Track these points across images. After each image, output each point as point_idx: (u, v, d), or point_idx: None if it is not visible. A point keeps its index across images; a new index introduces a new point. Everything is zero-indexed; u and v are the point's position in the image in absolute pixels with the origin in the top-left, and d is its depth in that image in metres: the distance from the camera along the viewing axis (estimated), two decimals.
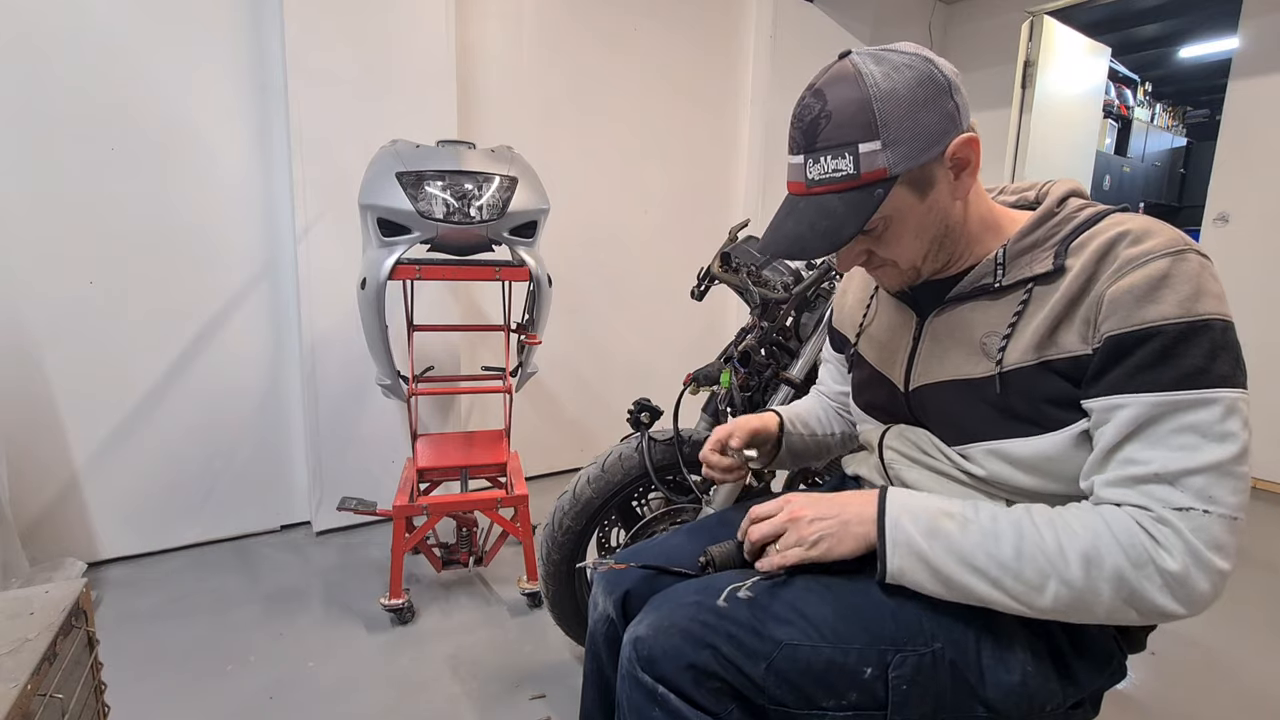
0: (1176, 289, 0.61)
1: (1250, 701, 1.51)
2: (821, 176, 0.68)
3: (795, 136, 0.71)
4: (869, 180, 0.67)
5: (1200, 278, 0.62)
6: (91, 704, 0.86)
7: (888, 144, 0.65)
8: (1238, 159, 2.89)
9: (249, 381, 2.11)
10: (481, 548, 1.88)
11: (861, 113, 0.65)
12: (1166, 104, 5.68)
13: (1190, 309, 0.61)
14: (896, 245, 0.73)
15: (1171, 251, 0.63)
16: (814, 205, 0.69)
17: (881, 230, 0.71)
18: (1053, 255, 0.70)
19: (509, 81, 2.42)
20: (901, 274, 0.76)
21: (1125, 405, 0.62)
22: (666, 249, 2.92)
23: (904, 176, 0.67)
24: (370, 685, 1.48)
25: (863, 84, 0.66)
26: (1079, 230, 0.70)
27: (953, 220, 0.73)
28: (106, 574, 1.92)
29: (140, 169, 1.87)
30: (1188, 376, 0.61)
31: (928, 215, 0.71)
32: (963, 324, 0.76)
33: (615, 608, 0.89)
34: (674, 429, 1.41)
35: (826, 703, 0.71)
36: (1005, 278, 0.73)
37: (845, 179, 0.67)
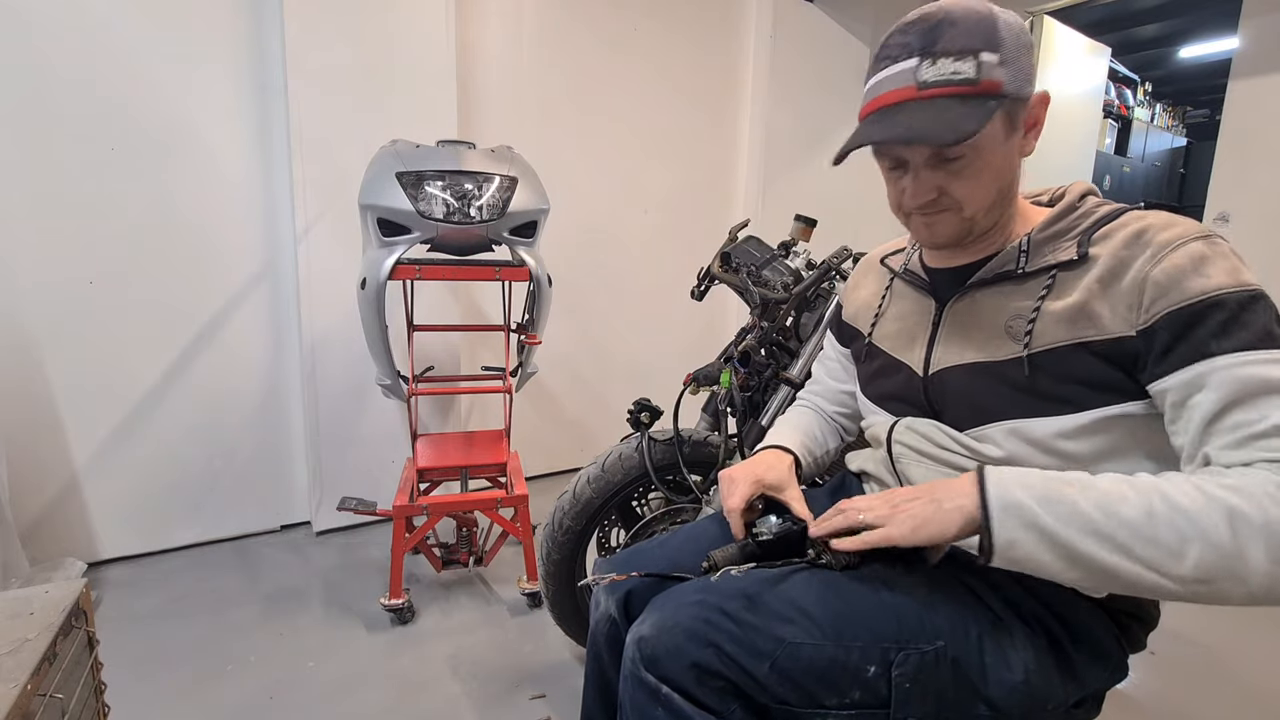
0: (1220, 264, 0.63)
1: (1250, 702, 1.51)
2: (939, 78, 0.67)
3: (908, 41, 0.70)
4: (986, 89, 0.67)
5: (1235, 255, 0.65)
6: (91, 704, 0.86)
7: (1005, 61, 0.67)
8: (1238, 159, 2.89)
9: (249, 381, 2.11)
10: (481, 548, 1.88)
11: (986, 23, 0.67)
12: (1166, 104, 5.68)
13: (1241, 279, 0.63)
14: (974, 181, 0.72)
15: (1202, 235, 0.66)
16: (927, 105, 0.68)
17: (966, 163, 0.70)
18: (1076, 245, 0.72)
19: (509, 81, 2.42)
20: (961, 222, 0.75)
21: (1214, 369, 0.61)
22: (666, 249, 2.92)
23: (1004, 105, 0.68)
24: (370, 685, 1.48)
25: (985, 5, 0.68)
26: (1101, 223, 0.72)
27: (1014, 180, 0.75)
28: (106, 574, 1.92)
29: (140, 169, 1.87)
30: (1263, 338, 0.61)
31: (1005, 159, 0.72)
32: (986, 309, 0.77)
33: (617, 608, 0.88)
34: (674, 429, 1.41)
35: (829, 701, 0.71)
36: (1029, 264, 0.74)
37: (964, 82, 0.67)
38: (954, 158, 0.70)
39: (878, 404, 0.91)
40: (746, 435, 1.34)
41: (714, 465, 1.41)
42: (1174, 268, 0.64)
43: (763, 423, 1.32)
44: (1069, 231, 0.73)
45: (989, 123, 0.67)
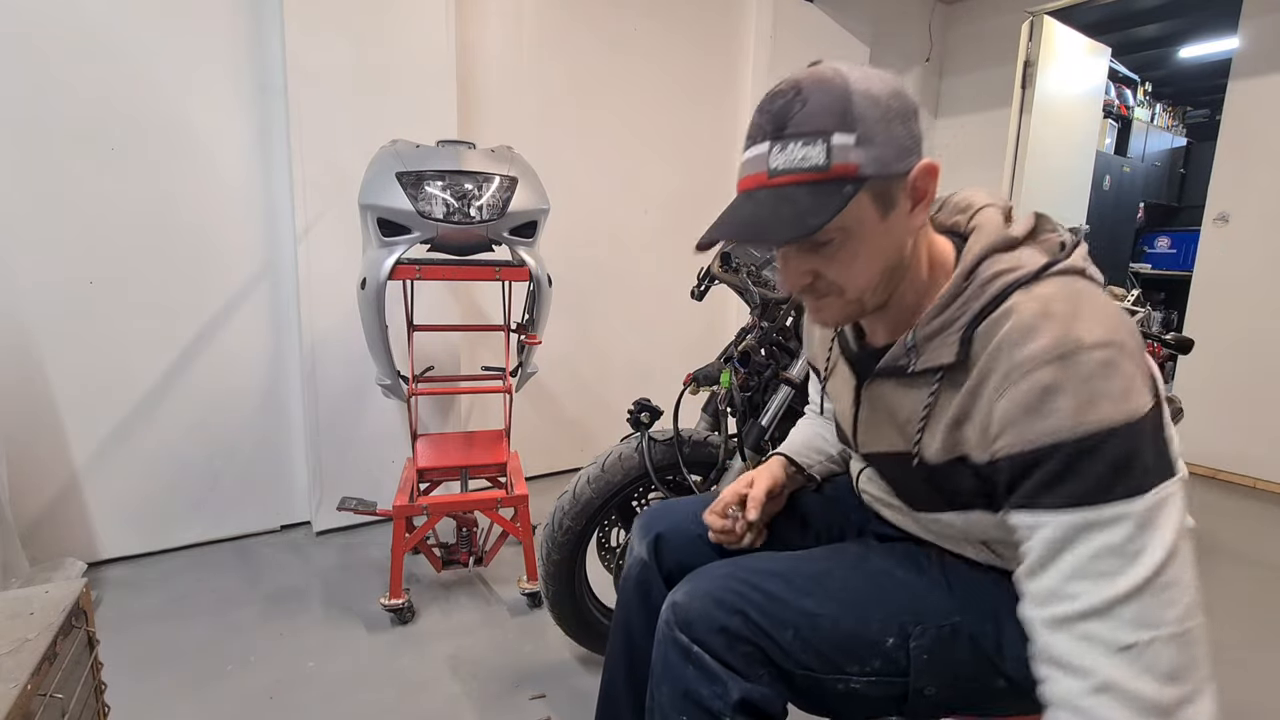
0: (1066, 399, 0.57)
1: (1250, 701, 1.51)
2: (787, 165, 0.63)
3: (760, 124, 0.65)
4: (839, 174, 0.62)
5: (1093, 380, 0.56)
6: (91, 704, 0.86)
7: (861, 141, 0.61)
8: (1238, 159, 2.89)
9: (249, 381, 2.11)
10: (481, 548, 1.88)
11: (838, 103, 0.62)
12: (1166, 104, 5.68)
13: (1083, 420, 0.56)
14: (850, 266, 0.67)
15: (1057, 355, 0.58)
16: (775, 194, 0.64)
17: (837, 246, 0.66)
18: (958, 343, 0.66)
19: (509, 81, 2.42)
20: (846, 305, 0.70)
21: (1040, 525, 0.59)
22: (666, 249, 2.92)
23: (870, 184, 0.63)
24: (370, 685, 1.48)
25: (840, 78, 0.63)
26: (985, 311, 0.65)
27: (905, 254, 0.69)
28: (106, 574, 1.92)
29: (140, 169, 1.87)
30: (1091, 493, 0.56)
31: (885, 238, 0.66)
32: (889, 400, 0.76)
33: (648, 550, 0.95)
34: (674, 429, 1.41)
35: (851, 668, 0.75)
36: (917, 363, 0.70)
37: (813, 169, 0.62)
38: (823, 241, 0.65)
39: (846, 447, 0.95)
40: (746, 435, 1.34)
41: (714, 465, 1.41)
42: (1015, 405, 0.60)
43: (762, 422, 1.32)
44: (953, 323, 0.67)
45: (845, 210, 0.62)
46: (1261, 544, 2.33)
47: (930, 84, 3.86)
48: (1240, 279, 2.87)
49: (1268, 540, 2.37)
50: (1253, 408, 2.84)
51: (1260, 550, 2.28)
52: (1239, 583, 2.04)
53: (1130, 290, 2.07)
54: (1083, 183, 3.84)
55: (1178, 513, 0.57)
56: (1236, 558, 2.21)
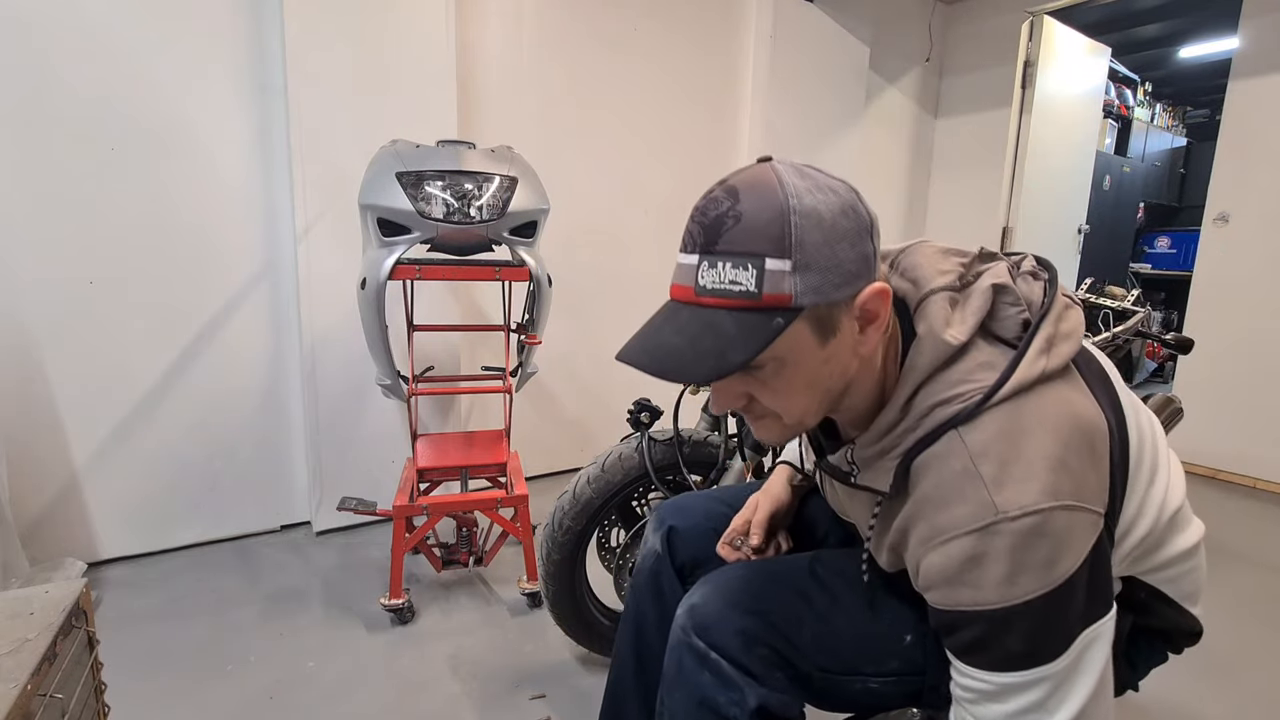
0: (987, 571, 0.56)
1: (1251, 701, 1.51)
2: (715, 286, 0.57)
3: (693, 231, 0.59)
4: (770, 304, 0.55)
5: (1015, 552, 0.55)
6: (91, 704, 0.86)
7: (798, 267, 0.55)
8: (1238, 159, 2.89)
9: (249, 381, 2.11)
10: (481, 548, 1.88)
11: (775, 223, 0.55)
12: (1166, 104, 5.68)
13: (1006, 594, 0.55)
14: (785, 395, 0.62)
15: (979, 526, 0.56)
16: (699, 318, 0.58)
17: (771, 373, 0.60)
18: (893, 472, 0.64)
19: (509, 81, 2.42)
20: (784, 429, 0.66)
21: (964, 672, 0.61)
22: (667, 249, 2.92)
23: (808, 312, 0.57)
24: (370, 685, 1.48)
25: (782, 192, 0.56)
26: (926, 442, 0.62)
27: (849, 378, 0.64)
28: (106, 574, 1.92)
29: (140, 169, 1.87)
30: (1009, 661, 0.57)
31: (824, 366, 0.61)
32: (839, 492, 0.79)
33: (662, 542, 0.96)
34: (674, 429, 1.41)
35: (868, 669, 0.75)
36: (858, 478, 0.69)
37: (743, 295, 0.56)
38: (755, 367, 0.59)
39: None
40: (746, 435, 1.34)
41: (714, 465, 1.41)
42: (935, 570, 0.59)
43: None
44: (890, 451, 0.65)
45: (781, 339, 0.56)
46: (1262, 544, 2.33)
47: (930, 84, 3.86)
48: (1240, 279, 2.87)
49: (1268, 540, 2.37)
50: (1253, 408, 2.84)
51: (1261, 550, 2.28)
52: (1239, 583, 2.04)
53: (1130, 290, 2.07)
54: (1083, 183, 3.84)
55: (1103, 650, 0.59)
56: (1237, 558, 2.21)
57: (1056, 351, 0.63)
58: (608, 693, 0.98)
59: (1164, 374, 4.88)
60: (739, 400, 0.64)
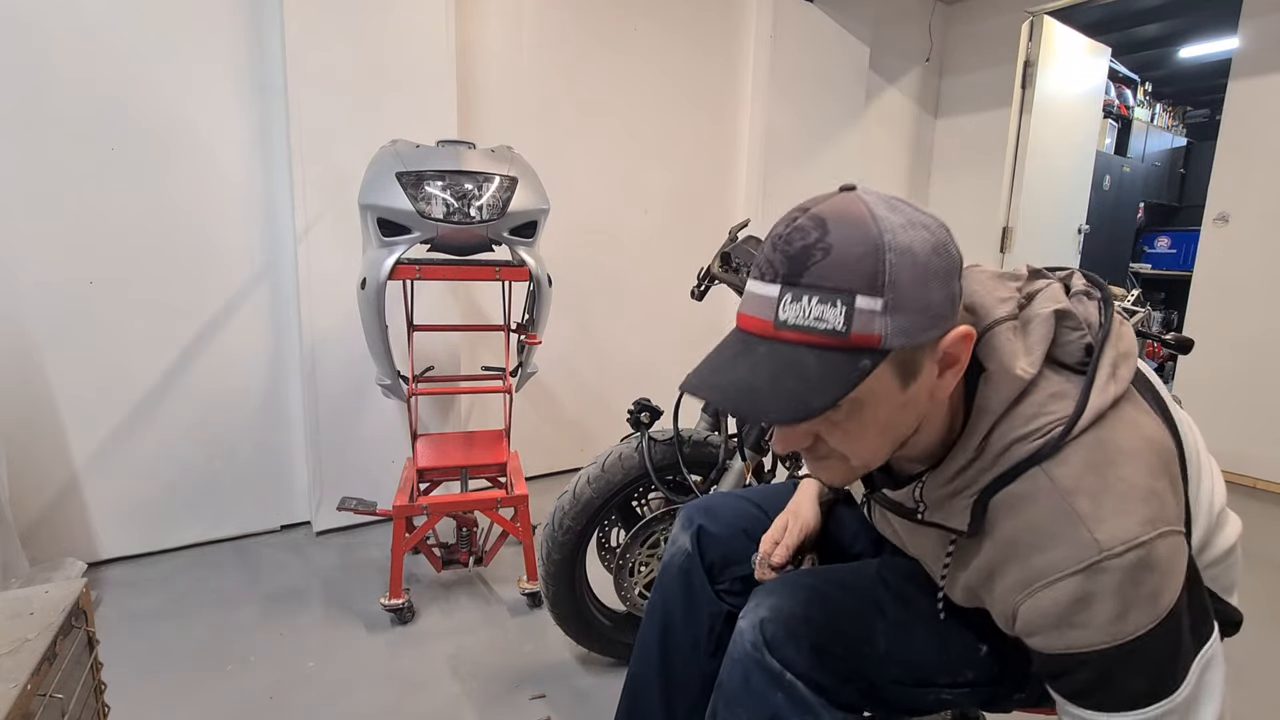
0: (1098, 611, 0.54)
1: (1253, 700, 1.51)
2: (799, 321, 0.53)
3: (774, 260, 0.55)
4: (857, 345, 0.52)
5: (1122, 590, 0.53)
6: (91, 704, 0.86)
7: (889, 308, 0.52)
8: (1238, 159, 2.89)
9: (249, 381, 2.11)
10: (481, 548, 1.88)
11: (868, 259, 0.52)
12: (1166, 104, 5.68)
13: (1118, 632, 0.53)
14: (858, 438, 0.59)
15: (1084, 566, 0.54)
16: (779, 354, 0.54)
17: (845, 415, 0.57)
18: (969, 512, 0.61)
19: (509, 81, 2.42)
20: (849, 471, 0.63)
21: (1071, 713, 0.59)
22: (666, 249, 2.92)
23: (894, 355, 0.54)
24: (370, 685, 1.48)
25: (877, 228, 0.53)
26: (1000, 483, 0.60)
27: (921, 420, 0.62)
28: (106, 574, 1.92)
29: (140, 169, 1.87)
30: (1133, 699, 0.55)
31: (902, 410, 0.58)
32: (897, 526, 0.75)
33: (691, 541, 0.95)
34: (674, 429, 1.41)
35: (942, 679, 0.73)
36: (926, 516, 0.66)
37: (829, 334, 0.52)
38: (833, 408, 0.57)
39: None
40: (746, 435, 1.34)
41: (714, 465, 1.41)
42: (1039, 615, 0.56)
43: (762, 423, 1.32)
44: (965, 489, 0.62)
45: (860, 385, 0.53)
46: (1262, 544, 2.33)
47: (930, 84, 3.86)
48: (1240, 279, 2.87)
49: (1269, 540, 2.37)
50: (1253, 408, 2.84)
51: (1261, 550, 2.28)
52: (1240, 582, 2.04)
53: (1130, 290, 2.07)
54: (1083, 183, 3.84)
55: (1220, 670, 0.56)
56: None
57: (1120, 375, 0.61)
58: (628, 685, 0.98)
59: (1164, 374, 4.89)
60: (805, 440, 0.60)
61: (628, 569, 1.44)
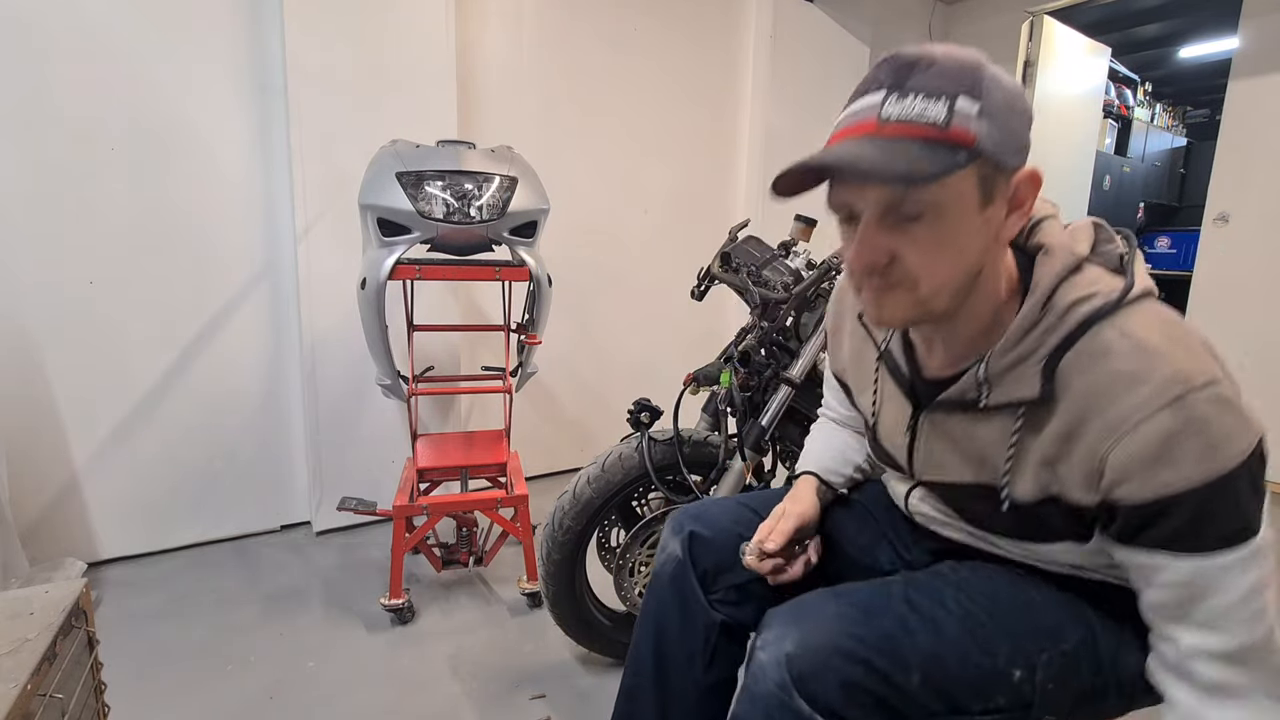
0: (1189, 447, 0.55)
1: None
2: (903, 115, 0.57)
3: (877, 76, 0.60)
4: (956, 138, 0.56)
5: (1210, 422, 0.55)
6: (91, 704, 0.86)
7: (984, 114, 0.56)
8: (1238, 159, 2.89)
9: (249, 381, 2.11)
10: (481, 548, 1.88)
11: (970, 72, 0.57)
12: (1166, 104, 5.68)
13: (1209, 469, 0.55)
14: (934, 253, 0.60)
15: (1171, 399, 0.55)
16: (884, 146, 0.57)
17: (926, 226, 0.59)
18: (1039, 377, 0.63)
19: (509, 81, 2.42)
20: (914, 303, 0.63)
21: (1165, 567, 0.59)
22: (666, 249, 2.92)
23: (979, 165, 0.58)
24: (370, 685, 1.48)
25: (974, 55, 0.59)
26: (1069, 341, 0.62)
27: (987, 263, 0.64)
28: (106, 574, 1.92)
29: (140, 169, 1.87)
30: (1227, 540, 0.56)
31: (975, 234, 0.61)
32: (958, 432, 0.72)
33: (682, 547, 0.92)
34: (674, 429, 1.41)
35: (975, 707, 0.70)
36: (990, 397, 0.66)
37: (930, 125, 0.56)
38: (911, 216, 0.59)
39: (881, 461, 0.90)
40: (746, 435, 1.34)
41: (714, 465, 1.41)
42: (1132, 457, 0.57)
43: (763, 423, 1.32)
44: (1031, 355, 0.63)
45: (952, 177, 0.57)
46: None
47: None
48: (1240, 279, 2.87)
49: None
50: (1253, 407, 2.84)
51: None
52: None
53: None
54: (1083, 183, 3.84)
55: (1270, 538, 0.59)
56: None
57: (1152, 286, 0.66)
58: (622, 695, 0.95)
59: None
60: (882, 257, 0.61)
61: (628, 569, 1.44)
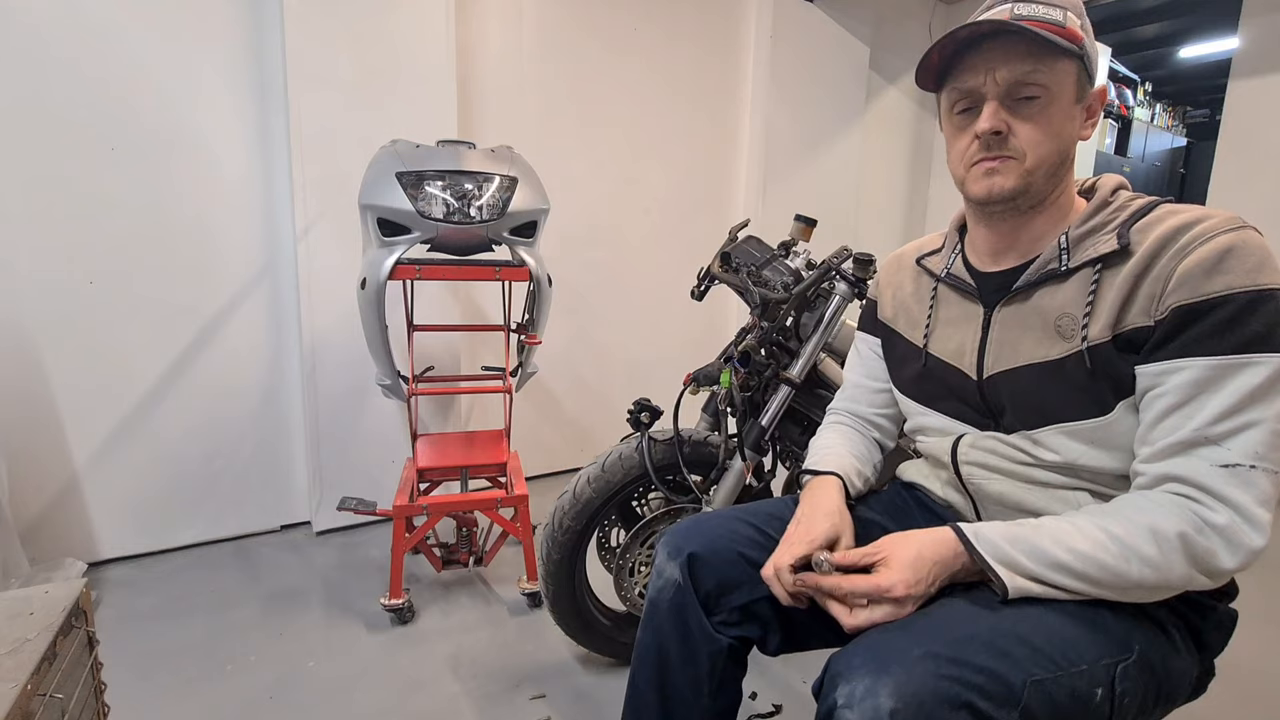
0: (1243, 260, 0.65)
1: (1253, 699, 1.51)
2: (1031, 14, 0.72)
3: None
4: (1071, 35, 0.72)
5: (1262, 250, 0.66)
6: (91, 704, 0.86)
7: (1084, 28, 0.74)
8: (1238, 159, 2.89)
9: (249, 381, 2.11)
10: (481, 548, 1.88)
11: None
12: (1166, 104, 5.68)
13: (1256, 279, 0.64)
14: (1042, 129, 0.74)
15: (1232, 228, 0.67)
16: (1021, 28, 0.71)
17: (1039, 107, 0.73)
18: (1116, 236, 0.73)
19: (509, 81, 2.42)
20: (1022, 175, 0.75)
21: (1183, 368, 0.66)
22: (666, 249, 2.92)
23: (1080, 63, 0.73)
24: (370, 685, 1.48)
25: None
26: (1137, 216, 0.73)
27: (1069, 157, 0.77)
28: (106, 574, 1.92)
29: (140, 169, 1.87)
30: (1249, 343, 0.64)
31: (1070, 122, 0.75)
32: (1034, 310, 0.78)
33: (682, 571, 0.88)
34: (674, 429, 1.41)
35: None
36: (1071, 260, 0.75)
37: (1053, 23, 0.72)
38: (1029, 96, 0.73)
39: (928, 404, 0.90)
40: (746, 435, 1.34)
41: (714, 465, 1.41)
42: (1197, 262, 0.66)
43: (763, 422, 1.32)
44: (1106, 225, 0.75)
45: (1062, 66, 0.72)
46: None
47: None
48: None
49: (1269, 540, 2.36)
50: None
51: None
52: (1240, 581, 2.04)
53: None
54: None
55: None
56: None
57: None
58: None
59: None
60: (1002, 125, 0.74)
61: (628, 569, 1.44)
